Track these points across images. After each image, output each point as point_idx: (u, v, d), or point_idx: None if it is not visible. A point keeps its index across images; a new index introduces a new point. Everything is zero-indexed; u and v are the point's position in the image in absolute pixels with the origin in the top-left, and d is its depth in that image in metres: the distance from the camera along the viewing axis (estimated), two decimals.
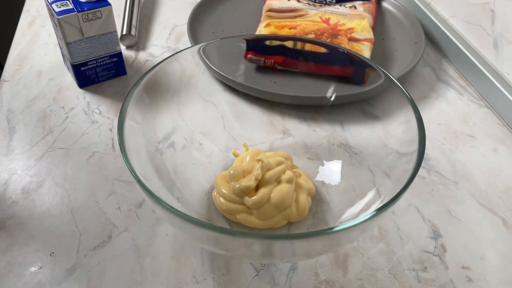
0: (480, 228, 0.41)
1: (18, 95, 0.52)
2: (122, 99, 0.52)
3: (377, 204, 0.35)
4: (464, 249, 0.39)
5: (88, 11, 0.48)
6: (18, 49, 0.59)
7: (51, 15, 0.49)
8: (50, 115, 0.50)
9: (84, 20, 0.48)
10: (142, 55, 0.58)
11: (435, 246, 0.39)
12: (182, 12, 0.67)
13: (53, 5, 0.48)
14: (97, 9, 0.48)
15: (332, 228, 0.28)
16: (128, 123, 0.34)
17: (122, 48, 0.59)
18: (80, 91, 0.53)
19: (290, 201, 0.39)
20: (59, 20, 0.47)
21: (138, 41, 0.61)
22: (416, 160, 0.34)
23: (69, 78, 0.54)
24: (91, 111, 0.50)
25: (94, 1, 0.49)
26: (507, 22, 0.50)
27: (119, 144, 0.32)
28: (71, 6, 0.48)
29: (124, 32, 0.59)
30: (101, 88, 0.53)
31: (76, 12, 0.48)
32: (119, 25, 0.63)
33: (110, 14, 0.50)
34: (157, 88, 0.41)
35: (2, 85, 0.53)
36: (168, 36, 0.62)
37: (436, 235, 0.40)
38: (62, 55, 0.55)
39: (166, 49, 0.60)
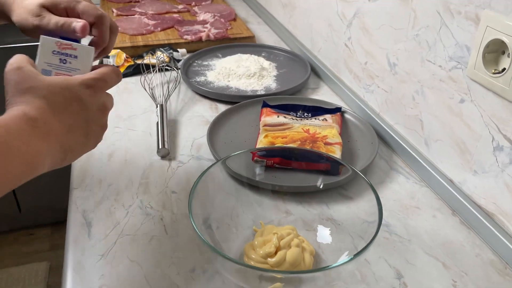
0: (428, 270, 0.59)
1: (87, 198, 0.70)
2: (165, 196, 0.71)
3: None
4: (419, 284, 0.57)
5: None
6: (79, 164, 0.78)
7: None
8: (114, 212, 0.67)
9: None
10: (174, 163, 0.78)
11: (399, 284, 0.57)
12: (198, 128, 0.88)
13: None
14: None
15: (328, 266, 0.47)
16: (193, 210, 0.53)
17: (158, 158, 0.79)
18: (133, 192, 0.71)
19: (300, 260, 0.57)
20: None
21: (170, 152, 0.81)
22: (377, 224, 0.54)
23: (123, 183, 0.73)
24: (144, 207, 0.68)
25: None
26: (431, 128, 0.74)
27: (193, 224, 0.50)
28: None
29: (160, 146, 0.79)
30: (148, 189, 0.72)
31: None
32: (154, 141, 0.83)
33: None
34: (198, 188, 0.60)
35: (73, 192, 0.71)
36: (190, 147, 0.83)
37: (399, 276, 0.58)
38: None
39: (191, 157, 0.80)
